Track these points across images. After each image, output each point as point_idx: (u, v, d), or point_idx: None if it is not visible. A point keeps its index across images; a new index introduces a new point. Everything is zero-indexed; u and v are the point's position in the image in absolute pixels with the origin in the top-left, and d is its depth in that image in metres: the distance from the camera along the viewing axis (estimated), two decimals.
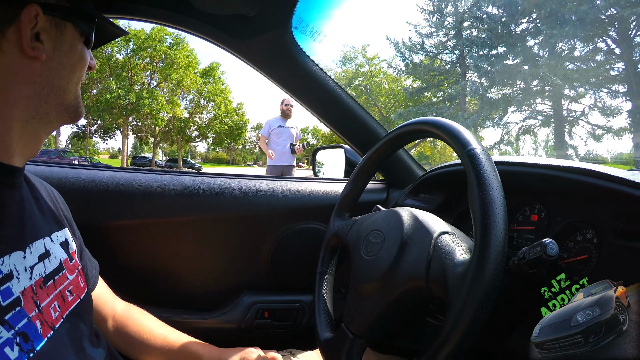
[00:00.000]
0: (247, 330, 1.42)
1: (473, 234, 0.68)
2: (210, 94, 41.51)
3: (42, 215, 0.79)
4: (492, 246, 0.63)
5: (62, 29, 0.71)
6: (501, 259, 0.63)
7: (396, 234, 0.85)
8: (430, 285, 0.73)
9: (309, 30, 1.33)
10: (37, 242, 0.72)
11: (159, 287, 1.41)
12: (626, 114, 22.16)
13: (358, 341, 0.85)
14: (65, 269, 0.78)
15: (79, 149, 56.41)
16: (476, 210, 0.68)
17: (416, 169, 1.56)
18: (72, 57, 0.73)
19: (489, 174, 0.70)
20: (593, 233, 0.89)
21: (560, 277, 0.79)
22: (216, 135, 43.97)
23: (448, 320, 0.65)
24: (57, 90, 0.71)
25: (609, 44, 22.15)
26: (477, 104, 26.25)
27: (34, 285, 0.67)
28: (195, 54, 38.71)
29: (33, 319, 0.63)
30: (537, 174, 1.00)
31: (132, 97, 33.67)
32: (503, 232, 0.64)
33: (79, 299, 0.80)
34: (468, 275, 0.64)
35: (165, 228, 1.36)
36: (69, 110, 0.75)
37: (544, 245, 0.69)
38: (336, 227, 1.10)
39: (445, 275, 0.70)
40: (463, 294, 0.64)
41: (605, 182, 0.84)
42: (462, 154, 0.76)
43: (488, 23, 24.63)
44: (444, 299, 0.69)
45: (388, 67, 35.85)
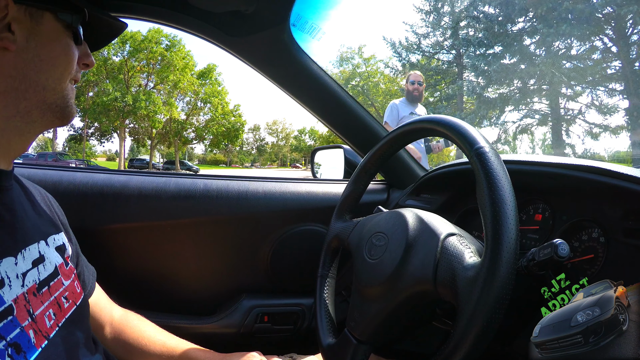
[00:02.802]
0: (247, 334, 1.40)
1: (477, 234, 0.66)
2: (207, 96, 41.78)
3: (37, 218, 0.77)
4: (504, 248, 0.61)
5: (38, 19, 0.67)
6: (514, 261, 0.61)
7: (401, 236, 0.82)
8: (438, 289, 0.71)
9: (308, 27, 1.30)
10: (31, 247, 0.70)
11: (156, 291, 1.39)
12: (623, 112, 22.24)
13: (362, 347, 0.83)
14: (60, 274, 0.76)
15: (76, 152, 56.32)
16: (486, 210, 0.65)
17: (417, 168, 1.54)
18: (51, 50, 0.69)
19: (499, 173, 0.67)
20: (599, 232, 0.88)
21: (560, 277, 0.78)
22: (213, 137, 44.22)
23: (459, 326, 0.62)
24: (36, 86, 0.67)
25: (605, 43, 22.22)
26: (474, 103, 26.44)
27: (27, 292, 0.64)
28: (192, 55, 39.02)
29: (26, 329, 0.61)
30: (543, 172, 0.99)
31: (128, 99, 33.80)
32: (515, 234, 0.62)
33: (75, 305, 0.78)
34: (479, 279, 0.62)
35: (162, 231, 1.33)
36: (53, 109, 0.71)
37: (554, 246, 0.67)
38: (337, 229, 1.08)
39: (454, 279, 0.67)
40: (474, 298, 0.61)
41: (614, 179, 0.83)
42: (469, 152, 0.73)
43: (485, 22, 24.70)
44: (454, 303, 0.67)
45: (385, 67, 36.01)
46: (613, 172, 0.83)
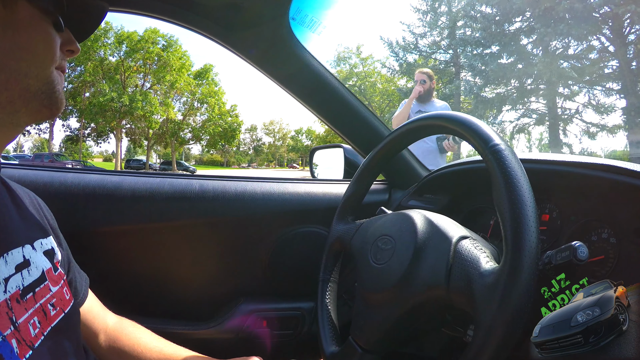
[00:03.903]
0: (245, 340, 1.36)
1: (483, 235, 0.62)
2: (204, 96, 41.91)
3: (22, 221, 0.73)
4: (525, 253, 0.57)
5: (12, 6, 0.63)
6: (535, 266, 0.57)
7: (409, 239, 0.78)
8: (451, 296, 0.67)
9: (308, 21, 1.26)
10: (14, 251, 0.66)
11: (151, 296, 1.35)
12: (620, 112, 22.35)
13: (367, 356, 0.80)
14: (48, 280, 0.72)
15: (72, 153, 56.34)
16: (505, 212, 0.62)
17: (419, 168, 1.50)
18: (30, 37, 0.65)
19: (516, 172, 0.64)
20: (610, 232, 0.85)
21: (560, 277, 0.77)
22: (210, 137, 44.36)
23: (478, 336, 0.59)
24: (17, 74, 0.63)
25: (602, 42, 22.32)
26: (471, 103, 26.56)
27: (10, 299, 0.60)
28: (189, 55, 39.10)
29: (8, 338, 0.57)
30: (550, 170, 0.96)
31: (125, 99, 33.83)
32: (536, 237, 0.58)
33: (63, 313, 0.73)
34: (499, 286, 0.58)
35: (156, 233, 1.29)
36: (38, 97, 0.67)
37: (573, 249, 0.65)
38: (339, 231, 1.04)
39: (470, 285, 0.63)
40: (494, 306, 0.57)
41: (627, 178, 0.80)
42: (484, 150, 0.70)
43: (482, 22, 24.75)
44: (469, 311, 0.63)
45: (382, 67, 36.25)
46: (626, 169, 0.80)
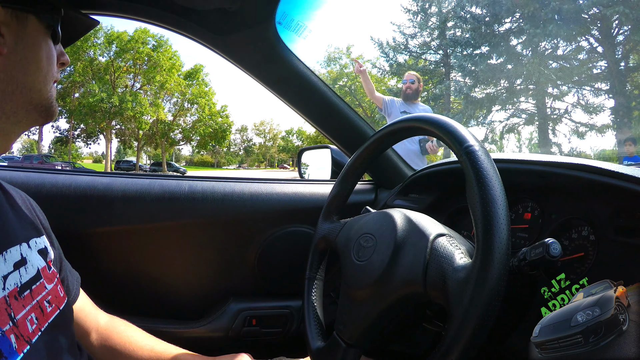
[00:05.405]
0: (235, 338, 1.38)
1: (467, 234, 0.65)
2: (194, 97, 41.63)
3: (18, 221, 0.76)
4: (495, 249, 0.60)
5: (24, 21, 0.67)
6: (505, 262, 0.60)
7: (389, 237, 0.81)
8: (428, 291, 0.69)
9: (294, 25, 1.28)
10: (12, 249, 0.68)
11: (141, 296, 1.37)
12: (609, 111, 22.51)
13: (351, 350, 0.82)
14: (43, 278, 0.74)
15: (62, 154, 55.85)
16: (477, 210, 0.64)
17: (404, 168, 1.53)
18: (37, 52, 0.69)
19: (489, 172, 0.66)
20: (590, 230, 0.88)
21: (560, 277, 0.78)
22: (200, 138, 44.10)
23: (450, 330, 0.61)
24: (23, 87, 0.68)
25: (591, 43, 22.48)
26: (461, 103, 26.60)
27: (8, 295, 0.63)
28: (179, 55, 38.85)
29: (7, 333, 0.59)
30: (532, 170, 0.98)
31: (115, 100, 33.53)
32: (506, 233, 0.61)
33: (58, 309, 0.76)
34: (470, 281, 0.61)
35: (146, 234, 1.31)
36: (38, 109, 0.72)
37: (546, 245, 0.66)
38: (324, 230, 1.07)
39: (445, 280, 0.66)
40: (466, 300, 0.60)
41: (604, 177, 0.82)
42: (459, 151, 0.72)
43: (472, 23, 24.85)
44: (444, 305, 0.66)
45: (372, 67, 36.06)
46: (604, 169, 0.83)
